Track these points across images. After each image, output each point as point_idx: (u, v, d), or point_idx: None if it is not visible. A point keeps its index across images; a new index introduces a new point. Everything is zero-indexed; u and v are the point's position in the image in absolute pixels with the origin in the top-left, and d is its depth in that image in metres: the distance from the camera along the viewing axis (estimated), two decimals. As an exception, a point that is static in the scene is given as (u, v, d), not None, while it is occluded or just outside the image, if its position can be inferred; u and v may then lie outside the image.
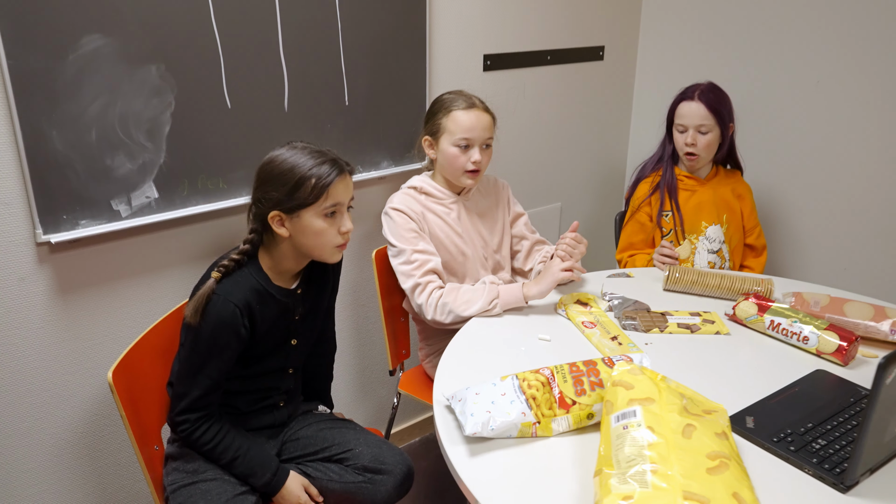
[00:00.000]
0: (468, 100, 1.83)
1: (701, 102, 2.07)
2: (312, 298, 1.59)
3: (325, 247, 1.47)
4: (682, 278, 1.82)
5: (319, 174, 1.40)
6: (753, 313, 1.62)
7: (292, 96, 1.85)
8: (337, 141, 1.97)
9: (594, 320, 1.65)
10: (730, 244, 2.18)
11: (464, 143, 1.81)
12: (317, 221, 1.42)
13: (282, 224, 1.42)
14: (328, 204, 1.42)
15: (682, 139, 2.12)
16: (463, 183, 1.86)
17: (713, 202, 2.17)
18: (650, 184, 2.23)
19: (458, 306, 1.69)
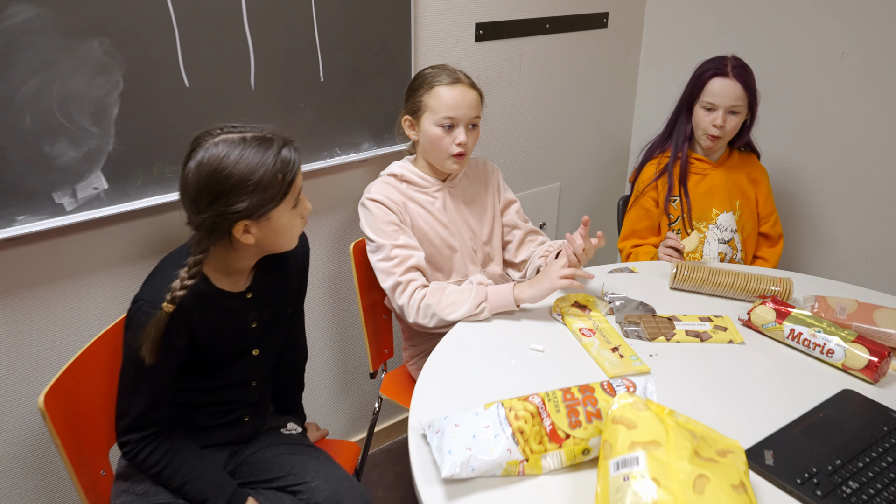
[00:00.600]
0: (452, 74, 1.64)
1: (736, 80, 1.87)
2: (271, 304, 1.43)
3: (292, 239, 1.32)
4: (692, 276, 1.65)
5: (283, 166, 1.22)
6: (771, 320, 1.46)
7: (260, 71, 1.66)
8: (312, 120, 1.78)
9: (593, 327, 1.48)
10: (742, 233, 2.01)
11: (447, 122, 1.62)
12: (286, 217, 1.26)
13: (248, 232, 1.24)
14: (296, 195, 1.26)
15: (708, 119, 1.92)
16: (448, 168, 1.68)
17: (725, 187, 1.98)
18: (657, 166, 2.05)
19: (443, 309, 1.53)
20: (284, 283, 1.46)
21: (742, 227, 2.00)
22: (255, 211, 1.20)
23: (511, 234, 1.83)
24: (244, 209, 1.18)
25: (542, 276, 1.52)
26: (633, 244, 2.08)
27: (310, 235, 1.91)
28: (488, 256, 1.80)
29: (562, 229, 2.64)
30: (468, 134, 1.65)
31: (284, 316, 1.49)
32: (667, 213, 2.02)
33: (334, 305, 2.04)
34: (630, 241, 2.09)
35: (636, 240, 2.08)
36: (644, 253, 2.02)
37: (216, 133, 1.21)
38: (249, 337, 1.40)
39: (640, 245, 2.07)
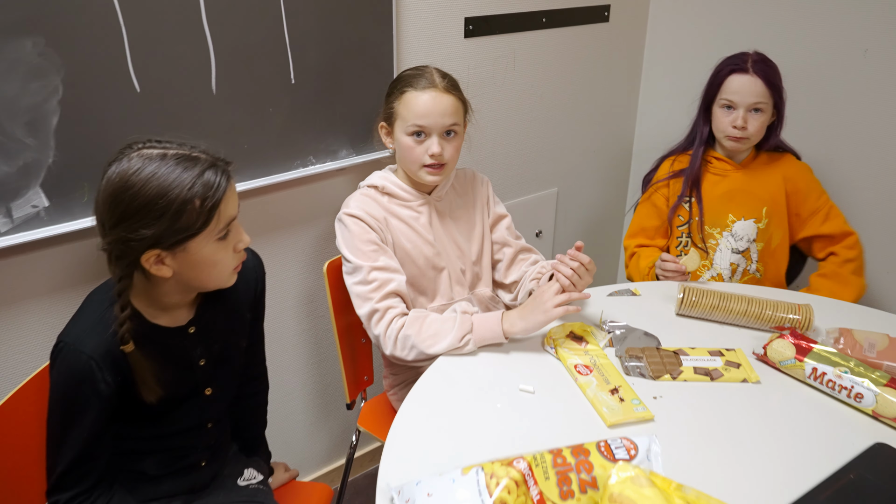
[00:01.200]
0: (427, 78, 1.48)
1: (757, 76, 1.70)
2: (220, 339, 1.27)
3: (221, 275, 1.15)
4: (700, 302, 1.49)
5: (205, 190, 1.05)
6: (790, 356, 1.29)
7: (222, 74, 1.49)
8: (283, 126, 1.62)
9: (590, 363, 1.32)
10: (766, 244, 1.82)
11: (418, 131, 1.46)
12: (209, 250, 1.10)
13: (161, 263, 1.08)
14: (221, 225, 1.09)
15: (727, 119, 1.75)
16: (424, 179, 1.52)
17: (746, 192, 1.81)
18: (672, 163, 1.89)
19: (423, 341, 1.37)
20: (234, 314, 1.30)
21: (768, 236, 1.82)
22: (165, 239, 1.05)
23: (501, 252, 1.66)
24: (150, 236, 1.03)
25: (533, 305, 1.35)
26: (638, 243, 1.94)
27: (283, 251, 1.76)
28: (477, 277, 1.64)
29: (560, 238, 2.48)
30: (443, 143, 1.49)
31: (238, 350, 1.34)
32: (672, 217, 1.86)
33: (311, 325, 1.89)
34: (636, 239, 1.95)
35: (643, 239, 1.93)
36: (647, 255, 1.87)
37: (137, 147, 1.07)
38: (199, 376, 1.25)
39: (645, 245, 1.92)
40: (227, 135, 1.54)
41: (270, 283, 1.75)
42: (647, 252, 1.89)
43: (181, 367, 1.21)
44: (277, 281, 1.77)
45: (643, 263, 1.86)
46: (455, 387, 1.28)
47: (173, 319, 1.20)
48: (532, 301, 1.37)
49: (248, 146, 1.58)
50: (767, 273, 1.85)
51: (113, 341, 1.08)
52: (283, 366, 1.87)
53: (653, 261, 1.81)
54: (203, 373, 1.25)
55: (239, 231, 1.15)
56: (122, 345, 1.09)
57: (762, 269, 1.84)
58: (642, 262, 1.87)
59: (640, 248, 1.92)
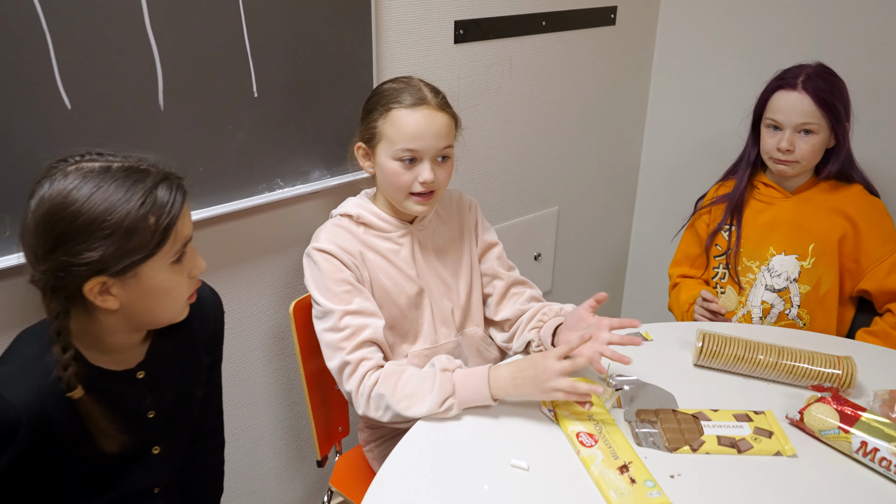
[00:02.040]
0: (416, 93, 1.28)
1: (805, 93, 1.48)
2: (175, 385, 1.08)
3: (175, 306, 1.00)
4: (722, 352, 1.29)
5: (159, 206, 0.91)
6: (833, 426, 1.09)
7: (171, 87, 1.29)
8: (245, 146, 1.42)
9: (595, 432, 1.12)
10: (814, 288, 1.57)
11: (407, 155, 1.26)
12: (163, 275, 0.94)
13: (107, 293, 0.92)
14: (177, 246, 0.95)
15: (773, 141, 1.53)
16: (410, 210, 1.32)
17: (793, 223, 1.58)
18: (718, 188, 1.71)
19: (398, 402, 1.17)
20: (190, 357, 1.12)
21: (814, 279, 1.57)
22: (113, 263, 0.89)
23: (491, 285, 1.46)
24: (96, 260, 0.88)
25: (531, 375, 1.13)
26: (681, 273, 1.75)
27: (249, 284, 1.56)
28: (466, 315, 1.44)
29: (560, 261, 2.27)
30: (436, 169, 1.29)
31: (193, 399, 1.15)
32: (710, 247, 1.66)
33: (281, 366, 1.68)
34: (680, 268, 1.76)
35: (688, 269, 1.74)
36: (688, 288, 1.68)
37: (73, 161, 0.91)
38: (146, 430, 1.06)
39: (688, 277, 1.73)
40: (178, 156, 1.34)
41: (236, 321, 1.56)
42: (690, 285, 1.70)
43: (126, 420, 1.02)
44: (243, 318, 1.57)
45: (683, 297, 1.66)
46: (435, 461, 1.08)
47: (119, 361, 1.02)
48: (531, 368, 1.15)
49: (203, 168, 1.39)
50: (815, 324, 1.60)
51: (48, 388, 0.92)
52: (252, 410, 1.67)
53: (693, 296, 1.62)
54: (152, 427, 1.07)
55: (194, 254, 1.01)
56: (67, 391, 0.92)
57: (807, 319, 1.60)
58: (682, 295, 1.67)
59: (682, 278, 1.73)
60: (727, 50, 2.08)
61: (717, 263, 1.67)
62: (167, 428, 1.09)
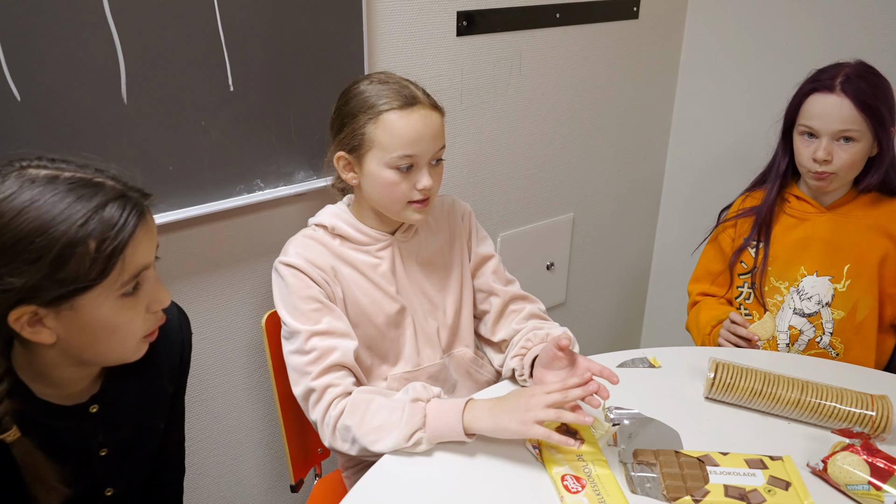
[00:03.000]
0: (403, 90, 1.15)
1: (845, 96, 1.31)
2: (131, 420, 0.97)
3: (125, 345, 0.86)
4: (737, 385, 1.13)
5: (104, 229, 0.78)
6: (862, 481, 0.94)
7: (135, 79, 1.20)
8: (220, 144, 1.32)
9: (584, 475, 0.98)
10: (849, 314, 1.40)
11: (406, 163, 1.14)
12: (108, 310, 0.81)
13: (39, 324, 0.80)
14: (127, 277, 0.81)
15: (808, 150, 1.36)
16: (409, 219, 1.20)
17: (827, 241, 1.41)
18: (745, 199, 1.53)
19: (365, 435, 1.05)
20: (152, 388, 1.00)
21: (850, 304, 1.40)
22: (42, 293, 0.76)
23: (487, 302, 1.33)
24: (20, 288, 0.75)
25: (511, 406, 1.01)
26: (702, 290, 1.59)
27: (228, 292, 1.46)
28: (454, 335, 1.31)
29: (575, 271, 2.13)
30: (433, 173, 1.17)
31: (153, 434, 1.04)
32: (734, 264, 1.50)
33: (261, 379, 1.58)
34: (701, 284, 1.60)
35: (709, 286, 1.58)
36: (710, 308, 1.52)
37: (18, 165, 0.80)
38: (98, 470, 0.95)
39: (709, 295, 1.57)
40: (144, 154, 1.24)
41: (213, 332, 1.46)
42: (711, 304, 1.53)
43: (75, 460, 0.92)
44: (221, 328, 1.47)
45: (704, 318, 1.49)
46: (400, 500, 0.95)
47: (69, 396, 0.91)
48: (514, 398, 1.02)
49: (173, 168, 1.29)
50: (850, 354, 1.43)
51: None
52: (232, 426, 1.57)
53: (716, 317, 1.46)
54: (104, 466, 0.96)
55: (156, 286, 0.87)
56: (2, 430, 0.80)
57: (841, 348, 1.43)
58: (703, 315, 1.50)
59: (703, 296, 1.57)
60: (763, 47, 1.91)
61: (741, 282, 1.50)
62: (122, 466, 0.98)
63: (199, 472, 1.54)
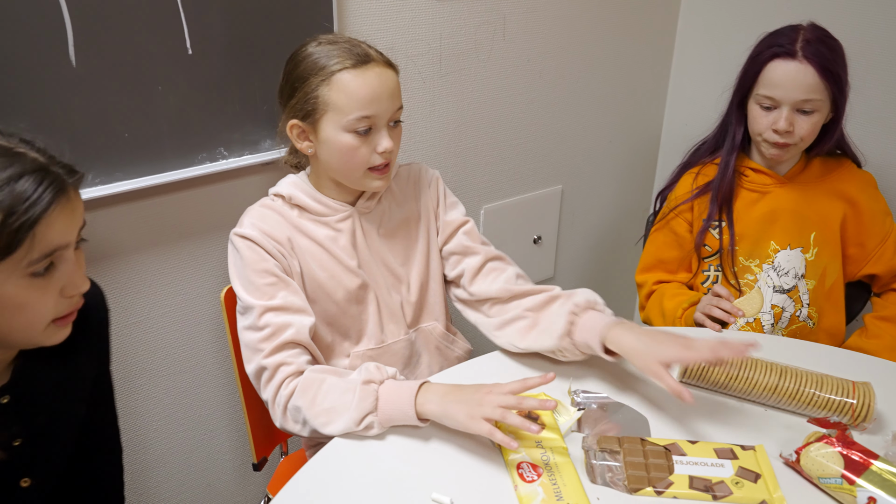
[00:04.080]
0: (355, 49, 1.08)
1: (808, 63, 1.24)
2: (48, 408, 0.92)
3: (31, 327, 0.81)
4: (712, 370, 1.08)
5: (12, 202, 0.73)
6: (835, 474, 0.88)
7: (83, 41, 1.13)
8: (179, 109, 1.26)
9: (541, 462, 0.93)
10: (819, 281, 1.38)
11: (364, 125, 1.07)
12: (12, 288, 0.76)
13: None
14: (36, 255, 0.76)
15: (766, 120, 1.30)
16: (370, 186, 1.14)
17: (793, 212, 1.37)
18: (696, 177, 1.45)
19: (316, 416, 1.00)
20: (71, 371, 0.94)
21: (819, 272, 1.37)
22: None
23: (464, 263, 1.25)
24: None
25: (464, 397, 0.96)
26: (657, 279, 1.50)
27: (192, 264, 1.41)
28: (421, 309, 1.26)
29: (564, 245, 2.06)
30: (392, 134, 1.10)
31: (73, 420, 0.98)
32: (701, 246, 1.42)
33: (226, 356, 1.53)
34: (653, 274, 1.51)
35: (662, 273, 1.50)
36: (673, 294, 1.43)
37: None
38: (11, 461, 0.90)
39: (666, 282, 1.49)
40: (96, 120, 1.19)
41: (176, 305, 1.42)
42: (673, 290, 1.45)
43: None
44: (185, 302, 1.43)
45: (669, 304, 1.41)
46: (342, 488, 0.91)
47: None
48: (468, 391, 0.96)
49: (129, 135, 1.23)
50: (823, 321, 1.40)
51: None
52: (201, 400, 1.53)
53: (687, 300, 1.38)
54: (18, 456, 0.91)
55: (73, 269, 0.81)
56: None
57: (815, 317, 1.39)
58: (668, 302, 1.42)
59: (660, 284, 1.48)
60: (765, 7, 1.81)
61: (706, 266, 1.44)
62: (38, 456, 0.93)
63: (167, 448, 1.51)
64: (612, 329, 1.04)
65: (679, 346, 0.99)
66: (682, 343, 0.99)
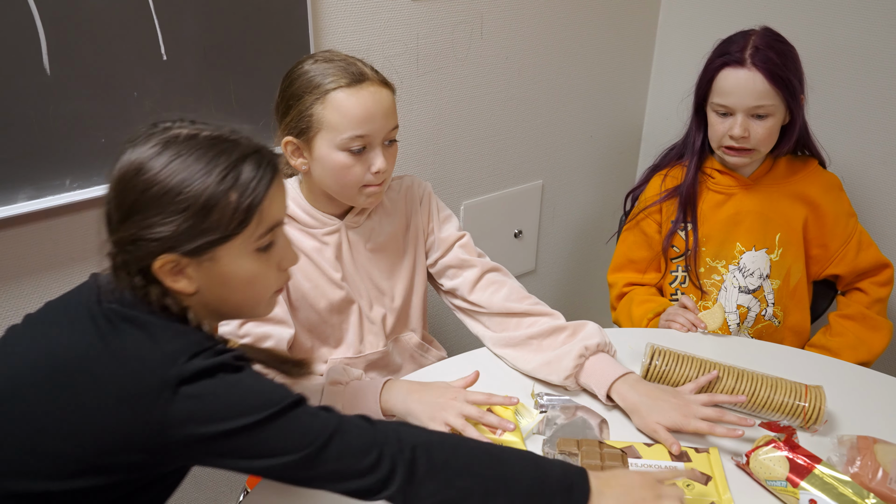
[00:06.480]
0: (350, 67, 1.09)
1: (757, 70, 1.26)
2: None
3: (261, 298, 0.88)
4: (672, 372, 1.11)
5: (244, 182, 0.80)
6: (780, 476, 0.91)
7: (57, 48, 1.16)
8: (154, 117, 1.27)
9: (499, 466, 0.96)
10: (784, 281, 1.41)
11: (357, 144, 1.09)
12: (245, 263, 0.83)
13: (180, 273, 0.81)
14: (262, 230, 0.83)
15: (722, 127, 1.32)
16: (362, 203, 1.16)
17: (757, 213, 1.39)
18: (664, 179, 1.47)
19: (284, 419, 1.03)
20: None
21: (784, 272, 1.40)
22: (186, 241, 0.79)
23: (461, 275, 1.26)
24: (168, 236, 0.78)
25: (427, 399, 0.99)
26: (627, 281, 1.51)
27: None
28: (402, 322, 1.28)
29: (545, 239, 2.09)
30: (386, 153, 1.12)
31: None
32: (668, 247, 1.45)
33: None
34: (624, 274, 1.53)
35: (633, 273, 1.52)
36: (642, 300, 1.45)
37: (161, 126, 0.83)
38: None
39: (637, 284, 1.51)
40: (73, 126, 1.22)
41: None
42: (642, 296, 1.46)
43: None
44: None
45: (637, 311, 1.43)
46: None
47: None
48: (433, 393, 1.00)
49: (106, 140, 1.26)
50: (788, 320, 1.43)
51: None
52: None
53: (651, 309, 1.40)
54: None
55: (286, 244, 0.89)
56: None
57: (781, 315, 1.42)
58: (636, 309, 1.44)
59: (630, 286, 1.50)
60: (745, 8, 1.82)
61: (674, 267, 1.46)
62: None
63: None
64: (618, 383, 1.07)
65: (678, 415, 1.01)
66: (682, 411, 1.01)
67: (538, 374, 1.15)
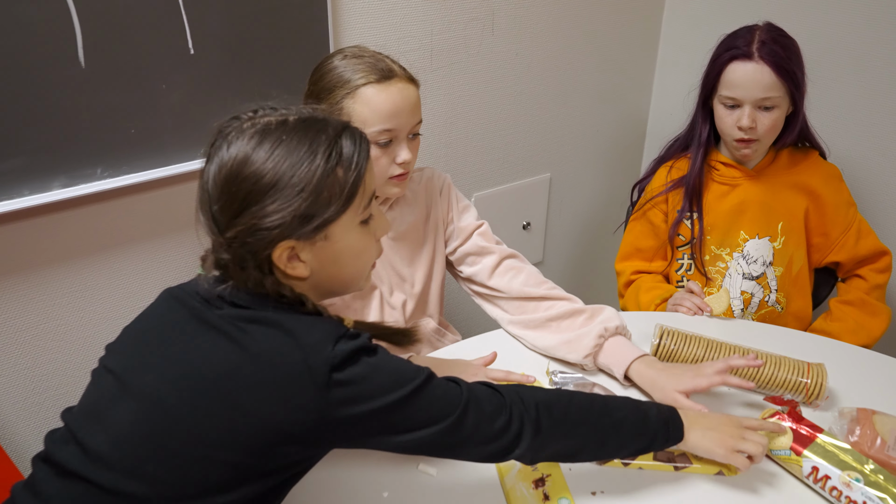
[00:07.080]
0: (379, 64, 1.14)
1: (764, 63, 1.31)
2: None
3: (363, 271, 0.90)
4: (680, 352, 1.16)
5: (346, 159, 0.82)
6: (784, 446, 0.97)
7: (92, 41, 1.20)
8: (181, 106, 1.33)
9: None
10: (786, 268, 1.46)
11: (385, 137, 1.14)
12: (354, 236, 0.85)
13: (296, 259, 0.83)
14: (366, 201, 0.85)
15: (730, 119, 1.37)
16: (387, 194, 1.21)
17: (761, 203, 1.44)
18: (669, 170, 1.52)
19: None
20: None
21: (786, 259, 1.45)
22: (303, 224, 0.80)
23: (481, 262, 1.31)
24: (287, 221, 0.79)
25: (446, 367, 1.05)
26: (635, 269, 1.57)
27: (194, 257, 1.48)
28: (420, 308, 1.33)
29: (552, 231, 2.14)
30: (410, 146, 1.17)
31: None
32: (674, 235, 1.50)
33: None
34: (632, 262, 1.58)
35: (640, 262, 1.57)
36: (649, 287, 1.50)
37: (246, 118, 0.83)
38: None
39: (644, 272, 1.57)
40: (105, 117, 1.26)
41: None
42: (649, 283, 1.52)
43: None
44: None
45: (645, 298, 1.48)
46: (334, 460, 1.00)
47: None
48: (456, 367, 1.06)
49: (135, 131, 1.30)
50: (791, 306, 1.49)
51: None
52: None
53: (659, 296, 1.46)
54: None
55: (380, 213, 0.90)
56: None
57: (784, 301, 1.48)
58: (643, 295, 1.49)
59: (638, 274, 1.56)
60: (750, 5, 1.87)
61: (680, 255, 1.52)
62: None
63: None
64: (636, 363, 1.13)
65: (692, 375, 1.06)
66: (695, 371, 1.07)
67: (557, 353, 1.20)
